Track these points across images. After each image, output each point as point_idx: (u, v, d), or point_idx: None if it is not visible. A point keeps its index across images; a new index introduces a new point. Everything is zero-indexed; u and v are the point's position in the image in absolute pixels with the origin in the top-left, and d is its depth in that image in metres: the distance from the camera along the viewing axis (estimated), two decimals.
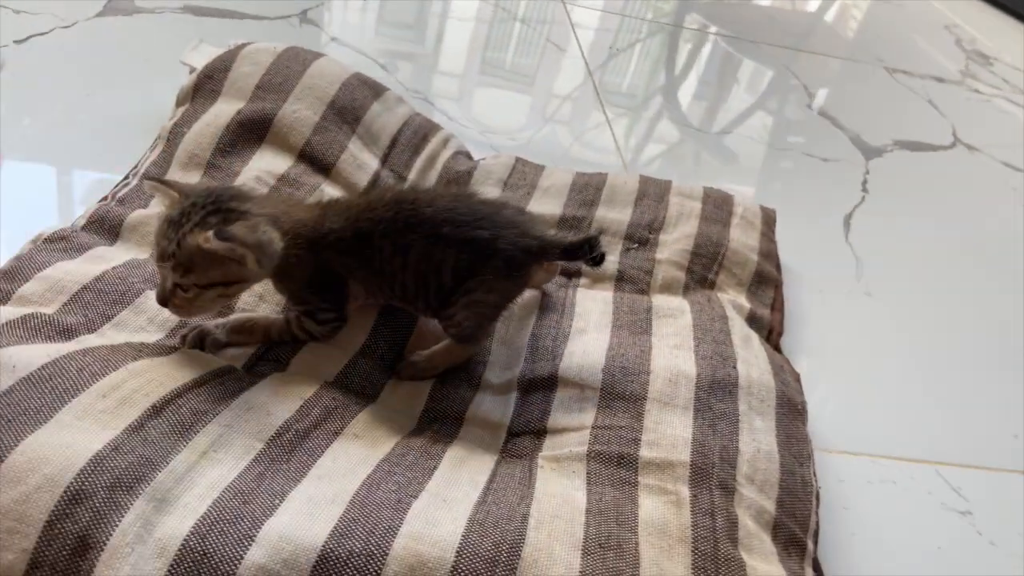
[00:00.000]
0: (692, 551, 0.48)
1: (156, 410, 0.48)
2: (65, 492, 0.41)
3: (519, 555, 0.45)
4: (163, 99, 0.93)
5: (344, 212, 0.59)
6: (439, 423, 0.59)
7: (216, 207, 0.53)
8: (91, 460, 0.43)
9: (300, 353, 0.59)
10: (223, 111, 0.77)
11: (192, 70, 0.89)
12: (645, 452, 0.55)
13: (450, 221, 0.58)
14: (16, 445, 0.42)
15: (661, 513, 0.51)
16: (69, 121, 0.85)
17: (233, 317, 0.60)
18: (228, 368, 0.55)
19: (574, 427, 0.58)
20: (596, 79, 1.30)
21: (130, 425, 0.46)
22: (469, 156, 0.92)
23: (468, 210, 0.60)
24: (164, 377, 0.51)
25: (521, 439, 0.59)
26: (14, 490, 0.41)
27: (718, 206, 0.86)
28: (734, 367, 0.63)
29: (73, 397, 0.47)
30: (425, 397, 0.61)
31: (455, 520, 0.47)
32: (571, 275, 0.78)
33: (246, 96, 0.79)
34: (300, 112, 0.79)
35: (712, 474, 0.53)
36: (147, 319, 0.59)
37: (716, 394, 0.60)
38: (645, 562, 0.46)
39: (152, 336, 0.58)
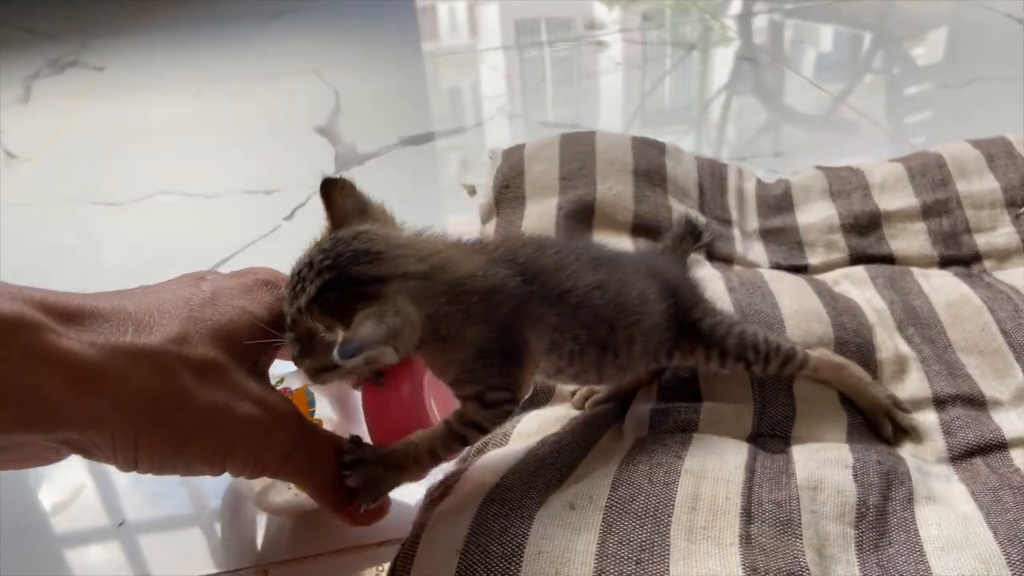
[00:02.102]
0: None
1: (747, 515, 0.42)
2: None
3: None
4: (443, 226, 0.92)
5: (518, 252, 0.46)
6: (981, 455, 0.51)
7: (336, 275, 0.40)
8: None
9: (798, 422, 0.52)
10: (544, 211, 0.74)
11: (472, 189, 0.88)
12: None
13: (621, 255, 0.52)
14: None
15: None
16: None
17: (392, 451, 0.45)
18: (753, 455, 0.49)
19: None
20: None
21: (740, 538, 0.40)
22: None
23: (622, 252, 0.54)
24: (721, 470, 0.45)
25: None
26: None
27: None
28: None
29: (669, 517, 0.41)
30: (940, 436, 0.52)
31: None
32: (967, 262, 0.70)
33: (555, 191, 0.76)
34: (615, 188, 0.75)
35: None
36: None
37: None
38: None
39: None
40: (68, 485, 0.60)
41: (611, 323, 0.47)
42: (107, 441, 0.37)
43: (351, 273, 0.40)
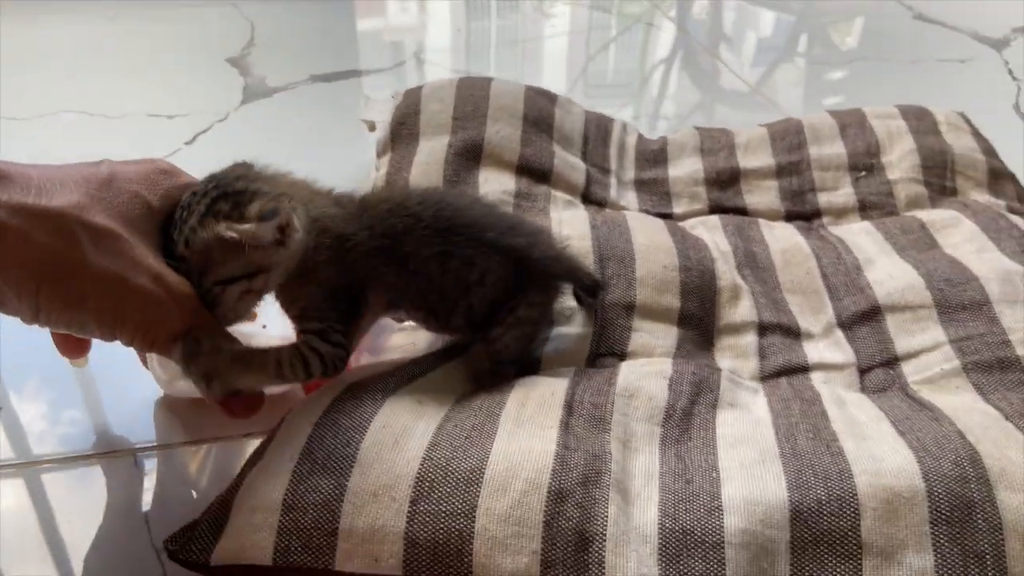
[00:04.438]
0: None
1: (568, 407, 0.48)
2: (549, 493, 0.42)
3: (983, 466, 0.44)
4: (343, 160, 0.95)
5: (372, 208, 0.51)
6: (786, 376, 0.58)
7: (221, 191, 0.45)
8: (556, 460, 0.44)
9: (633, 340, 0.59)
10: (434, 147, 0.79)
11: (372, 125, 0.91)
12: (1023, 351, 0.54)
13: (491, 227, 0.53)
14: (488, 456, 0.43)
15: None
16: None
17: (236, 346, 0.48)
18: (581, 371, 0.55)
19: (927, 347, 0.57)
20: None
21: (560, 424, 0.47)
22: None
23: (501, 217, 0.56)
24: (551, 381, 0.52)
25: (874, 373, 0.58)
26: (505, 497, 0.42)
27: (919, 118, 0.85)
28: None
29: (501, 410, 0.48)
30: (756, 358, 0.60)
31: (896, 452, 0.46)
32: (809, 218, 0.78)
33: (448, 130, 0.81)
34: (503, 131, 0.80)
35: None
36: None
37: None
38: None
39: None
40: None
41: (442, 294, 0.52)
42: (12, 290, 0.40)
43: (237, 186, 0.45)
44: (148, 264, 0.43)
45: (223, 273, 0.45)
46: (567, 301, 0.61)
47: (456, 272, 0.51)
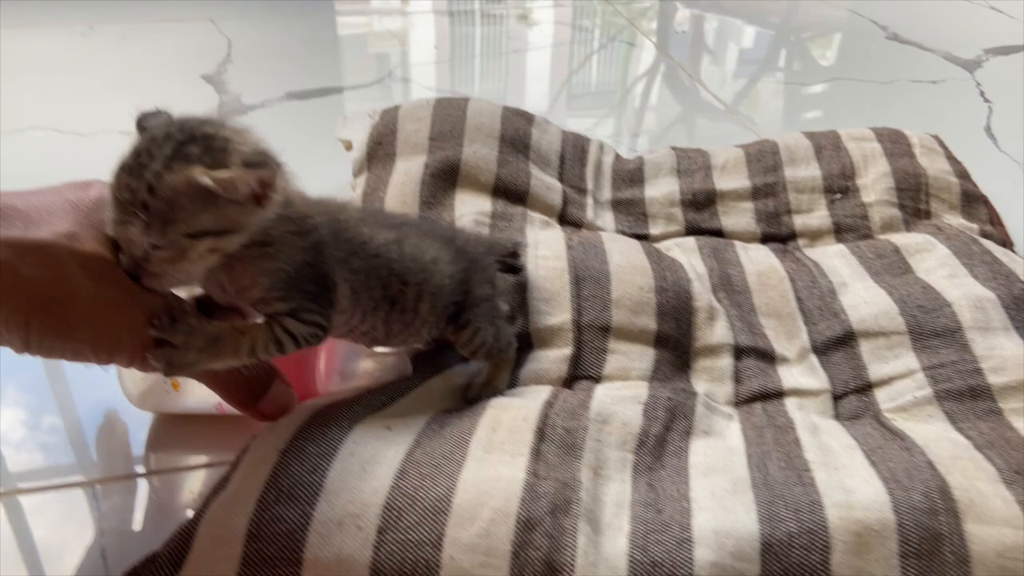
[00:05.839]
0: None
1: (540, 434, 0.48)
2: (517, 522, 0.41)
3: (952, 498, 0.44)
4: (319, 179, 0.94)
5: (322, 203, 0.49)
6: (761, 402, 0.58)
7: (188, 135, 0.39)
8: (525, 488, 0.43)
9: (609, 362, 0.58)
10: (411, 168, 0.78)
11: (348, 144, 0.91)
12: (994, 379, 0.54)
13: (418, 224, 0.56)
14: (456, 484, 0.43)
15: None
16: None
17: (209, 328, 0.43)
18: (556, 393, 0.55)
19: (901, 374, 0.57)
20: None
21: (531, 450, 0.46)
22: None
23: (418, 220, 0.60)
24: (524, 405, 0.51)
25: (848, 399, 0.58)
26: (472, 526, 0.41)
27: (894, 141, 0.85)
28: (1020, 280, 0.61)
29: (471, 435, 0.47)
30: (731, 382, 0.60)
31: (868, 482, 0.46)
32: (784, 240, 0.78)
33: (424, 150, 0.80)
34: (480, 151, 0.80)
35: None
36: None
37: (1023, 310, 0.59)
38: None
39: None
40: None
41: (404, 278, 0.50)
42: (1, 322, 0.39)
43: (206, 131, 0.40)
44: (140, 287, 0.43)
45: (195, 225, 0.40)
46: (543, 320, 0.60)
47: (413, 255, 0.51)
